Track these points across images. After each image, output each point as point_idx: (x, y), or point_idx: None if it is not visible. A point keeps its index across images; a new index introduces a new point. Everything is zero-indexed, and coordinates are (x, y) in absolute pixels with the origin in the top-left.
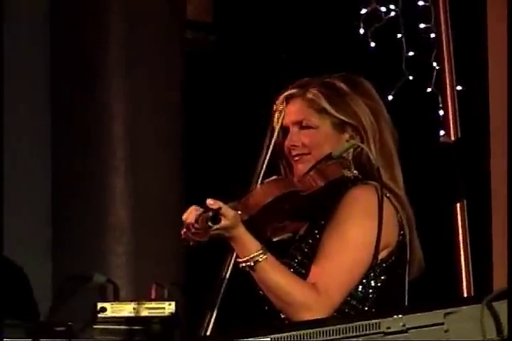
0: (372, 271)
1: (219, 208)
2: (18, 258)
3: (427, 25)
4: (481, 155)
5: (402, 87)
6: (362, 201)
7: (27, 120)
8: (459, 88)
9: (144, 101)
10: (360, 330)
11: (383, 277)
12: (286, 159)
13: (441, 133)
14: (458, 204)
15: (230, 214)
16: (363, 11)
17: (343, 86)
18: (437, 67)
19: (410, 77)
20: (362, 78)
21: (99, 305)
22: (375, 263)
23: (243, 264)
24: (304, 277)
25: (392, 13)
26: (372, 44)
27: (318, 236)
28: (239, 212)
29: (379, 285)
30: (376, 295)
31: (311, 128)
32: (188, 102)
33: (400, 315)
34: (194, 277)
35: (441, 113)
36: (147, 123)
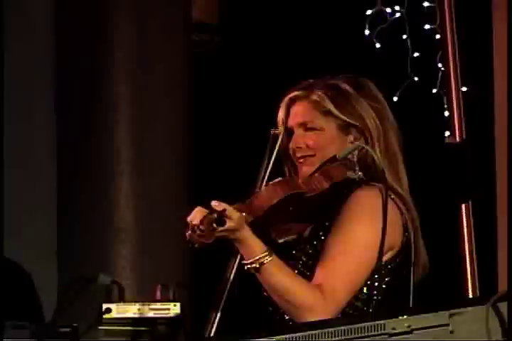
0: (377, 272)
1: (224, 210)
2: (23, 260)
3: (433, 26)
4: (486, 156)
5: (407, 88)
6: (367, 203)
7: (33, 122)
8: (464, 89)
9: (151, 103)
10: (365, 331)
11: (388, 278)
12: (291, 161)
13: (447, 134)
14: (463, 205)
15: (234, 216)
16: (369, 12)
17: (348, 87)
18: (442, 68)
19: (415, 78)
20: (366, 79)
21: (105, 306)
22: (380, 264)
23: (248, 266)
24: (309, 279)
25: (397, 14)
26: (377, 45)
27: (323, 237)
28: (244, 214)
29: (384, 286)
30: (381, 297)
31: (315, 130)
32: (194, 103)
33: (405, 316)
34: (199, 278)
35: (446, 114)
36: (154, 125)
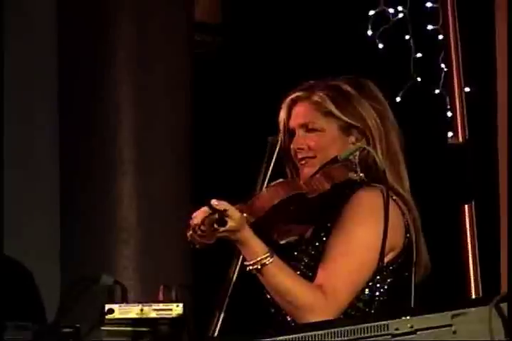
0: (379, 273)
1: (225, 210)
2: (25, 260)
3: (435, 26)
4: (488, 156)
5: (410, 89)
6: (368, 204)
7: (34, 122)
8: (467, 89)
9: (153, 103)
10: (368, 332)
11: (390, 279)
12: (292, 162)
13: (450, 134)
14: (466, 206)
15: (236, 217)
16: (371, 12)
17: (349, 88)
18: (445, 68)
19: (418, 79)
20: (367, 80)
21: (107, 306)
22: (381, 265)
23: (250, 267)
24: (311, 280)
25: (400, 15)
26: (380, 45)
27: (325, 238)
28: (245, 215)
29: (385, 287)
30: (382, 298)
31: (317, 131)
32: (195, 104)
33: (408, 317)
34: (202, 278)
35: (449, 114)
36: (156, 125)
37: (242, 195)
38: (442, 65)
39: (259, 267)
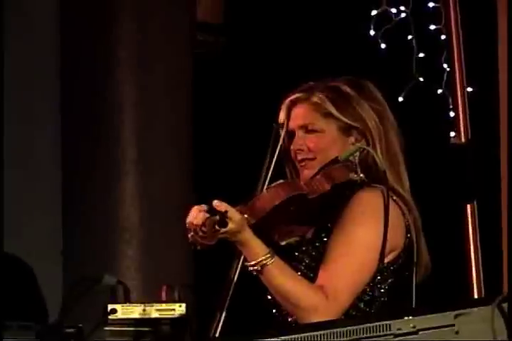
0: (380, 273)
1: (226, 211)
2: (28, 260)
3: (438, 26)
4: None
5: (412, 89)
6: (369, 204)
7: (37, 122)
8: (469, 89)
9: (155, 103)
10: (370, 332)
11: (390, 280)
12: (292, 163)
13: (452, 134)
14: (468, 206)
15: (236, 218)
16: (374, 12)
17: (348, 89)
18: (448, 68)
19: (421, 79)
20: (366, 81)
21: (110, 306)
22: (382, 266)
23: (251, 268)
24: (312, 280)
25: (402, 15)
26: (382, 45)
27: (326, 239)
28: (245, 216)
29: (386, 287)
30: (384, 298)
31: (316, 132)
32: (197, 104)
33: (411, 317)
34: (204, 278)
35: (451, 114)
36: (157, 125)
37: (243, 194)
38: (445, 65)
39: (260, 268)
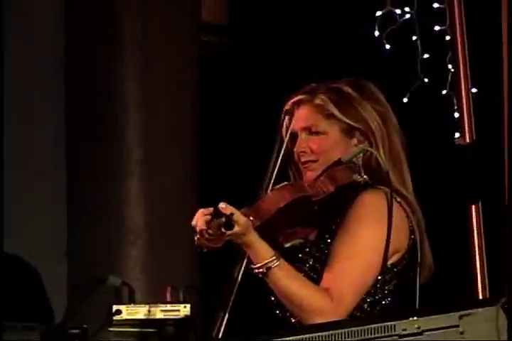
0: (384, 275)
1: (231, 214)
2: (33, 261)
3: (442, 27)
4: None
5: (417, 90)
6: (372, 206)
7: (41, 122)
8: (474, 90)
9: (159, 103)
10: (375, 332)
11: (395, 281)
12: (295, 165)
13: (457, 135)
14: (473, 206)
15: (242, 221)
16: (378, 13)
17: (350, 91)
18: (452, 69)
19: (425, 80)
20: (368, 82)
21: (115, 307)
22: (386, 267)
23: (256, 270)
24: (315, 282)
25: (407, 16)
26: (387, 46)
27: (330, 240)
28: (251, 218)
29: (391, 289)
30: (388, 299)
31: (319, 133)
32: (202, 105)
33: (416, 318)
34: (209, 279)
35: (456, 115)
36: (162, 126)
37: (248, 194)
38: (449, 66)
39: (266, 270)
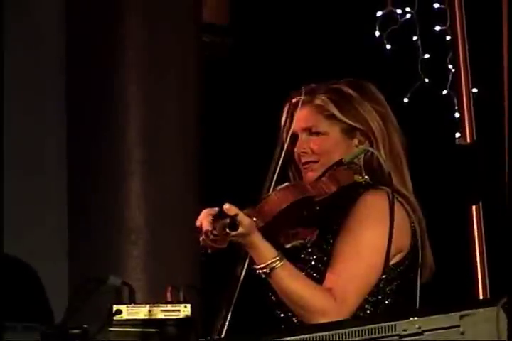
0: (386, 275)
1: (236, 215)
2: (34, 260)
3: (443, 27)
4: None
5: (417, 90)
6: (374, 206)
7: (42, 122)
8: (474, 90)
9: (161, 103)
10: (376, 332)
11: (397, 281)
12: (295, 165)
13: (457, 135)
14: (474, 207)
15: (246, 221)
16: (379, 13)
17: (351, 91)
18: (453, 69)
19: (426, 80)
20: (368, 82)
21: (115, 307)
22: (388, 268)
23: (259, 271)
24: (317, 282)
25: (407, 16)
26: (387, 46)
27: (332, 241)
28: (254, 219)
29: (393, 289)
30: (390, 300)
31: (320, 134)
32: (205, 105)
33: (416, 318)
34: (210, 279)
35: (456, 115)
36: (164, 125)
37: (251, 194)
38: (450, 66)
39: (269, 271)
